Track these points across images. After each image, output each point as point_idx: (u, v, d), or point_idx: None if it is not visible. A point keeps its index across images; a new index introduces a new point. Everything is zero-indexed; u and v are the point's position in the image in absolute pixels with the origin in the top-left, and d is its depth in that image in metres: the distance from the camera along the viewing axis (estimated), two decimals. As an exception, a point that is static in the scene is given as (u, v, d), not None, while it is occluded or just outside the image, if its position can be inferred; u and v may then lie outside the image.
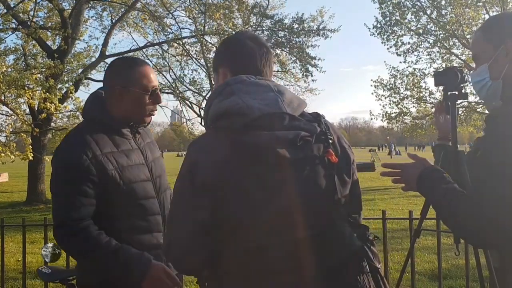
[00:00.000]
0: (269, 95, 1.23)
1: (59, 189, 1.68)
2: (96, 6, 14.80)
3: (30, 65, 12.28)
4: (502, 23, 1.46)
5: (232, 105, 1.19)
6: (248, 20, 15.82)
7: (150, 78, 1.77)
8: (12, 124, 12.88)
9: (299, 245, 1.17)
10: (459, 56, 16.09)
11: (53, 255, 2.44)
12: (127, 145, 1.78)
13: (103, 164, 1.66)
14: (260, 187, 1.16)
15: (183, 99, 16.82)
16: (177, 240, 1.22)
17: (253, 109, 1.18)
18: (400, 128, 19.20)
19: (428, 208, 2.26)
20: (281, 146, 1.16)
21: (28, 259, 5.19)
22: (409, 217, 3.38)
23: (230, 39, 1.45)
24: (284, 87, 1.31)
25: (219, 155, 1.18)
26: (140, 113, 1.79)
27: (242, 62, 1.33)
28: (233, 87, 1.24)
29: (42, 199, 12.93)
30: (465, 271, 3.42)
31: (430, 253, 5.86)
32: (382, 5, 15.55)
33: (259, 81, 1.27)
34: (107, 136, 1.73)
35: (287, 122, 1.20)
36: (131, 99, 1.75)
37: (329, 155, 1.22)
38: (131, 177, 1.72)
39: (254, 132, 1.17)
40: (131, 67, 1.77)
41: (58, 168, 1.70)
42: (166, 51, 16.04)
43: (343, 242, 1.21)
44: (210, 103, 1.26)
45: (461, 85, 2.11)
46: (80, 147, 1.66)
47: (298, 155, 1.18)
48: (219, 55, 1.40)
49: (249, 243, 1.18)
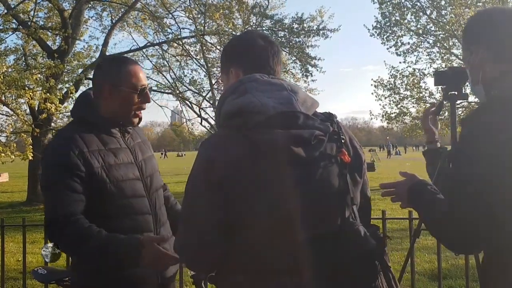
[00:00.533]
0: (283, 94, 1.23)
1: (49, 187, 1.68)
2: (96, 6, 14.81)
3: (30, 65, 12.27)
4: (471, 27, 1.46)
5: (246, 103, 1.19)
6: (248, 20, 15.83)
7: (139, 77, 1.77)
8: (13, 124, 12.89)
9: (313, 244, 1.17)
10: (458, 56, 16.09)
11: (53, 255, 2.44)
12: (116, 144, 1.77)
13: (90, 161, 1.66)
14: (275, 185, 1.16)
15: (183, 99, 16.81)
16: (192, 240, 1.21)
17: (268, 107, 1.18)
18: (399, 128, 19.20)
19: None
20: (296, 144, 1.17)
21: (28, 259, 5.19)
22: (408, 217, 3.38)
23: (241, 38, 1.45)
24: (297, 86, 1.31)
25: (233, 153, 1.17)
26: (128, 112, 1.78)
27: (254, 61, 1.33)
28: (246, 85, 1.24)
29: (42, 199, 12.91)
30: (465, 271, 3.42)
31: (430, 253, 5.86)
32: (382, 6, 15.55)
33: (272, 80, 1.28)
34: (95, 134, 1.73)
35: (301, 121, 1.20)
36: (119, 98, 1.74)
37: (342, 155, 1.23)
38: (118, 176, 1.71)
39: (269, 131, 1.17)
40: (120, 66, 1.76)
41: (46, 165, 1.71)
42: (166, 51, 16.05)
43: (359, 240, 1.21)
44: (223, 101, 1.25)
45: (461, 85, 2.11)
46: (67, 144, 1.67)
47: (313, 154, 1.19)
48: (230, 55, 1.40)
49: (262, 241, 1.18)
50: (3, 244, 3.68)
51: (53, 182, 1.66)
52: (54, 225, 1.64)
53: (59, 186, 1.63)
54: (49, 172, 1.69)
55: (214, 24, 14.57)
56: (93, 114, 1.76)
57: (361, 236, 1.21)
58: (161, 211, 1.85)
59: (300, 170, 1.18)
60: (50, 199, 1.68)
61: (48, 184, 1.68)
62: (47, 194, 1.69)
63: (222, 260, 1.23)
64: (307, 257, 1.16)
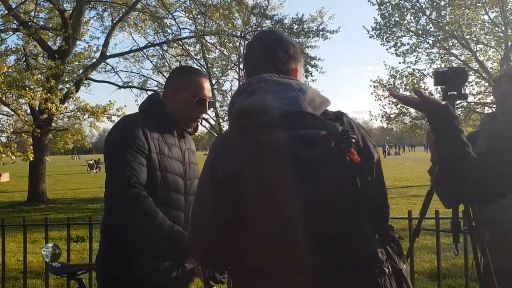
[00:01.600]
0: (291, 94, 1.24)
1: (119, 158, 1.74)
2: (97, 7, 14.82)
3: (31, 66, 12.29)
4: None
5: (253, 104, 1.22)
6: (248, 20, 15.84)
7: (202, 87, 1.92)
8: (13, 125, 12.91)
9: (318, 245, 1.16)
10: (458, 57, 16.11)
11: (53, 255, 2.47)
12: (172, 140, 1.92)
13: (150, 144, 1.79)
14: (278, 186, 1.17)
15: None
16: (198, 235, 1.26)
17: (273, 108, 1.19)
18: (399, 128, 19.20)
19: (427, 207, 2.27)
20: (300, 145, 1.16)
21: (29, 259, 5.20)
22: (408, 217, 3.39)
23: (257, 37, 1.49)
24: (306, 85, 1.30)
25: (239, 152, 1.20)
26: (186, 117, 1.93)
27: (263, 64, 1.35)
28: (255, 86, 1.26)
29: (43, 199, 12.95)
30: (464, 271, 3.44)
31: (430, 252, 5.87)
32: (381, 7, 15.57)
33: (281, 80, 1.28)
34: (156, 127, 1.87)
35: (307, 121, 1.20)
36: (179, 101, 1.90)
37: (351, 155, 1.20)
38: (168, 167, 1.83)
39: (273, 131, 1.18)
40: (188, 75, 1.95)
41: (115, 141, 1.81)
42: (166, 51, 16.06)
43: (364, 242, 1.20)
44: (233, 101, 1.28)
45: (460, 85, 2.12)
46: (135, 125, 1.81)
47: (318, 155, 1.17)
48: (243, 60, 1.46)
49: (266, 241, 1.18)
50: (3, 244, 3.70)
51: (123, 154, 1.73)
52: (129, 189, 1.67)
53: (129, 158, 1.72)
54: (119, 146, 1.77)
55: (214, 24, 14.58)
56: (158, 110, 1.91)
57: (366, 238, 1.20)
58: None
59: (303, 171, 1.16)
60: (121, 167, 1.72)
61: (117, 156, 1.75)
62: (117, 164, 1.74)
63: (229, 258, 1.26)
64: (313, 258, 1.15)
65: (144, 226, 1.66)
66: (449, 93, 2.14)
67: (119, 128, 1.86)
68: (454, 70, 2.16)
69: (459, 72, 2.13)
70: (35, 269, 5.53)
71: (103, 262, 1.85)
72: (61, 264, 2.45)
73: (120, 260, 1.76)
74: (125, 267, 1.75)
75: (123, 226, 1.71)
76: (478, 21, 14.58)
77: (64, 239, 6.20)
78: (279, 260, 1.17)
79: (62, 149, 15.23)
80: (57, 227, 7.44)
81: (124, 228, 1.72)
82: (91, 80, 15.10)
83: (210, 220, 1.22)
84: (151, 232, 1.66)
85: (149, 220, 1.65)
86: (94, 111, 11.31)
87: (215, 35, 14.51)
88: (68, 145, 14.21)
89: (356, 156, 1.20)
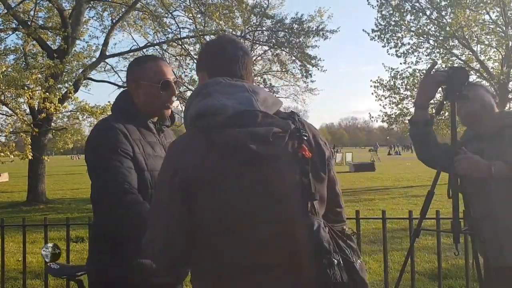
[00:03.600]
0: (244, 95, 1.28)
1: (106, 166, 1.67)
2: (97, 6, 14.81)
3: (30, 65, 12.27)
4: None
5: (209, 105, 1.25)
6: (248, 20, 15.83)
7: (161, 70, 1.85)
8: (12, 124, 12.89)
9: (270, 241, 1.21)
10: (459, 57, 16.09)
11: (53, 255, 2.45)
12: (152, 138, 1.87)
13: (133, 146, 1.74)
14: (235, 183, 1.21)
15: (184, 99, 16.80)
16: (157, 237, 1.27)
17: (227, 107, 1.23)
18: (400, 128, 19.20)
19: (428, 208, 2.26)
20: (253, 142, 1.20)
21: (28, 259, 5.19)
22: (408, 217, 3.38)
23: (210, 45, 1.52)
24: (259, 87, 1.36)
25: (196, 153, 1.23)
26: (156, 106, 1.86)
27: (220, 66, 1.39)
28: (209, 88, 1.30)
29: (42, 199, 12.93)
30: (465, 271, 3.43)
31: (430, 253, 5.86)
32: (380, 8, 15.56)
33: (235, 82, 1.33)
34: (134, 126, 1.81)
35: (260, 120, 1.24)
36: (144, 93, 1.84)
37: (303, 151, 1.26)
38: (155, 166, 1.76)
39: (228, 130, 1.21)
40: (143, 63, 1.88)
41: (98, 149, 1.73)
42: (166, 50, 16.05)
43: (311, 236, 1.21)
44: (189, 104, 1.32)
45: (461, 85, 2.11)
46: (113, 129, 1.73)
47: (271, 151, 1.21)
48: (199, 60, 1.48)
49: (223, 239, 1.22)
50: (3, 244, 3.69)
51: (108, 162, 1.67)
52: (129, 195, 1.62)
53: (115, 164, 1.65)
54: (101, 156, 1.70)
55: (213, 24, 14.57)
56: (132, 107, 1.85)
57: (313, 231, 1.21)
58: None
59: (258, 167, 1.22)
60: (113, 174, 1.65)
61: (104, 164, 1.68)
62: (107, 171, 1.66)
63: (185, 260, 1.30)
64: (268, 253, 1.20)
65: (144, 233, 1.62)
66: (449, 93, 2.14)
67: (98, 135, 1.77)
68: (455, 70, 2.15)
69: (460, 72, 2.13)
70: (34, 270, 5.52)
71: (97, 268, 1.80)
72: (59, 265, 2.42)
73: (117, 265, 1.72)
74: (122, 271, 1.72)
75: (124, 233, 1.67)
76: (480, 21, 14.56)
77: (63, 239, 6.19)
78: (235, 260, 1.21)
79: (62, 149, 15.24)
80: (57, 227, 7.42)
81: (125, 235, 1.68)
82: (91, 80, 15.10)
83: (168, 219, 1.24)
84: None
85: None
86: (93, 111, 11.30)
87: (215, 34, 14.49)
88: (67, 145, 14.20)
89: (308, 152, 1.26)
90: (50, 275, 2.51)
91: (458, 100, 2.13)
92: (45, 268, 2.46)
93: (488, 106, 2.27)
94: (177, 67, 16.94)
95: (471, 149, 2.27)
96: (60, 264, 2.46)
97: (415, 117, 2.25)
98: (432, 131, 2.28)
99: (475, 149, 2.24)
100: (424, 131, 2.23)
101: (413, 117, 2.26)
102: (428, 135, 2.24)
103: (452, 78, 2.11)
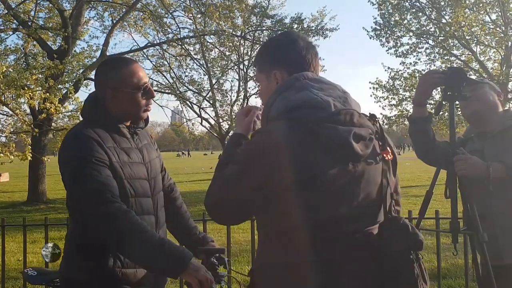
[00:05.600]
0: (338, 93, 1.33)
1: (83, 177, 1.59)
2: (97, 7, 14.82)
3: (30, 65, 12.27)
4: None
5: (308, 99, 1.28)
6: (248, 20, 15.83)
7: (139, 75, 1.77)
8: (12, 124, 12.89)
9: (356, 237, 1.26)
10: (458, 57, 16.07)
11: (53, 255, 2.42)
12: (127, 143, 1.79)
13: (109, 154, 1.66)
14: (335, 178, 1.24)
15: (184, 99, 16.81)
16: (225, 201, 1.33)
17: (330, 104, 1.27)
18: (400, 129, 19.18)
19: (426, 207, 2.27)
20: (355, 141, 1.25)
21: (29, 259, 5.20)
22: (408, 217, 3.38)
23: (282, 41, 1.48)
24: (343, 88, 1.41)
25: (292, 141, 1.23)
26: (136, 111, 1.80)
27: (298, 63, 1.40)
28: (303, 82, 1.33)
29: (43, 199, 12.94)
30: (465, 271, 3.43)
31: (429, 252, 5.84)
32: (381, 7, 15.54)
33: (323, 79, 1.37)
34: (107, 133, 1.73)
35: (356, 120, 1.29)
36: (124, 100, 1.75)
37: (386, 153, 1.32)
38: (132, 174, 1.72)
39: (330, 125, 1.24)
40: (118, 69, 1.77)
41: (73, 160, 1.65)
42: (166, 50, 16.06)
43: (409, 231, 1.27)
44: (276, 96, 1.33)
45: (460, 85, 2.11)
46: (87, 139, 1.65)
47: (367, 151, 1.28)
48: (272, 57, 1.44)
49: (298, 234, 1.25)
50: (3, 243, 3.69)
51: (85, 173, 1.59)
52: (113, 205, 1.56)
53: (93, 173, 1.58)
54: (77, 166, 1.62)
55: (213, 24, 14.58)
56: (103, 114, 1.76)
57: (409, 227, 1.27)
58: (161, 212, 1.87)
59: (355, 166, 1.26)
60: (92, 183, 1.58)
61: (81, 175, 1.60)
62: (86, 181, 1.58)
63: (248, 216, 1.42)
64: (351, 250, 1.25)
65: (134, 242, 1.55)
66: (448, 93, 2.14)
67: (72, 145, 1.70)
68: (454, 71, 2.16)
69: (459, 72, 2.13)
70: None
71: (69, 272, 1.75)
72: (37, 271, 2.28)
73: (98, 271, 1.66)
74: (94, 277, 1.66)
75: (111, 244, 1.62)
76: (479, 21, 14.56)
77: (63, 239, 6.18)
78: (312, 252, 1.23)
79: (62, 149, 15.17)
80: (57, 227, 7.42)
81: (112, 246, 1.63)
82: (91, 80, 15.09)
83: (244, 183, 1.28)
84: (143, 248, 1.55)
85: (137, 236, 1.54)
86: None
87: (215, 34, 14.50)
88: (68, 145, 14.13)
89: (390, 154, 1.34)
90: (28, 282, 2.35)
91: (457, 100, 2.14)
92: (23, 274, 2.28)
93: (492, 106, 2.31)
94: (177, 67, 16.96)
95: (472, 147, 2.29)
96: (38, 270, 2.33)
97: (413, 114, 2.27)
98: (431, 129, 2.29)
99: (476, 147, 2.26)
100: (423, 129, 2.25)
101: (412, 114, 2.29)
102: (426, 132, 2.26)
103: (451, 79, 2.12)
